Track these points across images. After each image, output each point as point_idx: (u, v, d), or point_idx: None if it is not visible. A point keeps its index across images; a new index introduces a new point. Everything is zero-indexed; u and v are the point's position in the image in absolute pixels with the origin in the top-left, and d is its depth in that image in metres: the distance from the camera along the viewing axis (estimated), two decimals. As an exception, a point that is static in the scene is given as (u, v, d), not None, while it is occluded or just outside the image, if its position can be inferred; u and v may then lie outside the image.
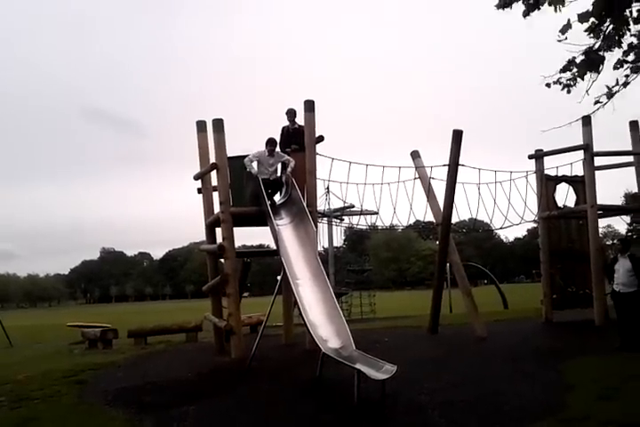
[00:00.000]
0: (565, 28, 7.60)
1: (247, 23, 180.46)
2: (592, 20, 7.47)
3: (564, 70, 8.27)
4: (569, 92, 8.44)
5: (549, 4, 7.11)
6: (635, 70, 8.20)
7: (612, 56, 8.03)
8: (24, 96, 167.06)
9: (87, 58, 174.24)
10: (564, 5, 7.12)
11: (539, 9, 7.39)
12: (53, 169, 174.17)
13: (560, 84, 8.40)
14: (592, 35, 7.79)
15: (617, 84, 8.35)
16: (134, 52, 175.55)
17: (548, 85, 8.44)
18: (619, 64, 8.19)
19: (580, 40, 7.93)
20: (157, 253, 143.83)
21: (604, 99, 8.56)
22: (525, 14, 7.52)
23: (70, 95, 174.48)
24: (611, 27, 7.65)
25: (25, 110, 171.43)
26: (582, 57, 7.98)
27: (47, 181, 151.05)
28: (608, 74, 8.27)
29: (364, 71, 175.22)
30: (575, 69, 8.11)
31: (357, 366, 6.90)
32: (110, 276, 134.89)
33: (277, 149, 11.06)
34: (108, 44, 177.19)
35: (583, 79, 8.27)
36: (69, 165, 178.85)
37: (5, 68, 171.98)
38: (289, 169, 10.87)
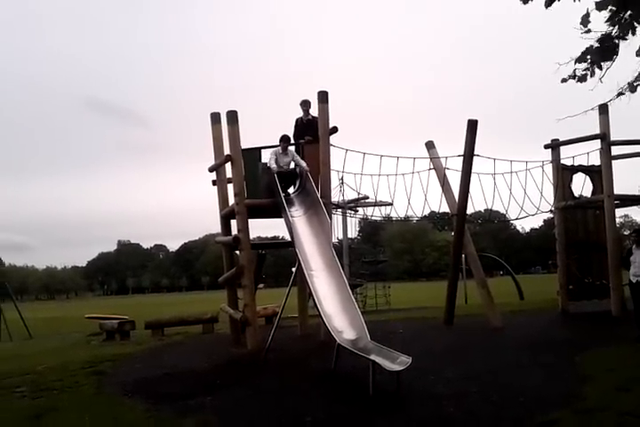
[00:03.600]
0: (585, 19, 7.51)
1: (259, 13, 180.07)
2: (610, 7, 7.38)
3: (579, 60, 8.17)
4: (582, 82, 8.35)
5: None
6: None
7: (628, 45, 7.93)
8: (36, 87, 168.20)
9: (92, 48, 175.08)
10: None
11: (559, 0, 7.31)
12: (70, 161, 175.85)
13: (575, 77, 8.31)
14: (610, 23, 7.70)
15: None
16: (140, 43, 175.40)
17: (564, 80, 8.35)
18: None
19: (597, 28, 7.84)
20: (173, 246, 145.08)
21: (626, 91, 8.47)
22: (547, 5, 7.44)
23: (80, 87, 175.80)
24: (628, 13, 7.54)
25: (36, 101, 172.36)
26: (597, 44, 7.90)
27: (63, 174, 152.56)
28: (624, 63, 8.17)
29: (378, 61, 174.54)
30: (589, 58, 8.02)
31: (372, 357, 6.91)
32: (127, 268, 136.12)
33: (292, 148, 11.24)
34: (112, 33, 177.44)
35: (601, 68, 8.18)
36: (85, 156, 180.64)
37: (9, 59, 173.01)
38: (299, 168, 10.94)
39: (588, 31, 7.64)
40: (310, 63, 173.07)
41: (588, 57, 8.05)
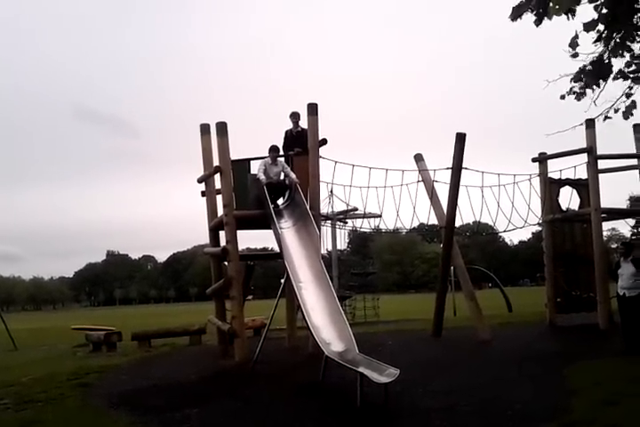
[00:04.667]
0: (574, 42, 7.57)
1: (251, 24, 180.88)
2: (598, 28, 7.45)
3: (576, 80, 8.23)
4: (579, 100, 8.42)
5: (551, 15, 7.07)
6: (636, 81, 8.18)
7: (622, 62, 8.02)
8: (23, 96, 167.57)
9: (81, 56, 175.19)
10: (574, 14, 7.08)
11: (550, 19, 7.37)
12: (58, 171, 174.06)
13: (574, 93, 8.37)
14: (599, 43, 7.76)
15: (622, 95, 8.34)
16: (130, 51, 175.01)
17: (562, 97, 8.41)
18: (619, 74, 8.16)
19: (588, 48, 7.90)
20: (161, 256, 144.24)
21: (611, 112, 8.56)
22: (537, 24, 7.49)
23: (66, 95, 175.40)
24: (618, 34, 7.61)
25: (23, 110, 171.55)
26: (590, 67, 7.95)
27: (50, 184, 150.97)
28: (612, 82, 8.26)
29: (367, 74, 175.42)
30: (584, 79, 8.08)
31: (360, 369, 6.90)
32: (114, 279, 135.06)
33: (282, 159, 11.30)
34: (102, 42, 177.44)
35: (593, 89, 8.25)
36: (74, 167, 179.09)
37: None
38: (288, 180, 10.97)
39: (576, 55, 7.70)
40: (300, 75, 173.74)
41: (583, 77, 8.12)
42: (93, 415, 6.83)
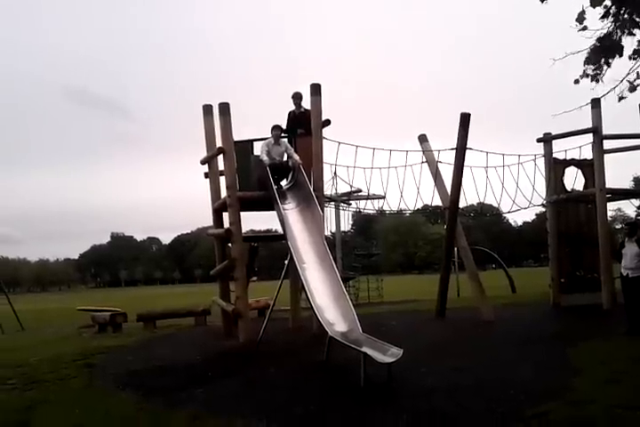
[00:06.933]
0: (581, 16, 7.45)
1: (249, 2, 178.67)
2: (605, 3, 7.32)
3: (587, 62, 8.09)
4: (597, 81, 8.29)
5: None
6: None
7: (633, 39, 7.88)
8: (23, 77, 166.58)
9: (77, 36, 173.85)
10: None
11: None
12: (61, 154, 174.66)
13: (587, 76, 8.24)
14: (606, 19, 7.64)
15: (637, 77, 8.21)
16: (129, 33, 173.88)
17: (576, 82, 8.28)
18: (635, 54, 8.01)
19: (595, 25, 7.77)
20: (166, 238, 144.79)
21: (626, 93, 8.43)
22: None
23: (69, 78, 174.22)
24: (626, 10, 7.47)
25: (25, 93, 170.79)
26: (598, 43, 7.82)
27: (54, 166, 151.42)
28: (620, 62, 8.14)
29: (371, 54, 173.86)
30: (601, 59, 7.94)
31: (364, 349, 6.92)
32: (120, 260, 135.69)
33: (285, 139, 11.21)
34: (102, 23, 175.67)
35: (610, 66, 8.12)
36: (77, 149, 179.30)
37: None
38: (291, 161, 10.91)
39: (585, 28, 7.57)
40: (303, 55, 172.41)
41: (595, 57, 7.97)
42: (99, 395, 6.88)
